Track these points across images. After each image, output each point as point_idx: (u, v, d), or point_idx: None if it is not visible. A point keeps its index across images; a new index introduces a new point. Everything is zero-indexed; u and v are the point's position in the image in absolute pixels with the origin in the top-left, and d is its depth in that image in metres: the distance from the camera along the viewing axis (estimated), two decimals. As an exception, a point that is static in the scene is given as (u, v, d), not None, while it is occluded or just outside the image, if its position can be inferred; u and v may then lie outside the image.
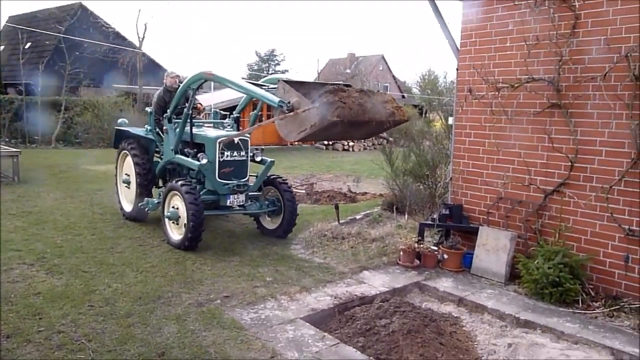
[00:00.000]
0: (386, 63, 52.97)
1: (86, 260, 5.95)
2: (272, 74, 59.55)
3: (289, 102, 4.77)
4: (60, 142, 19.91)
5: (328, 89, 4.62)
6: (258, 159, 7.36)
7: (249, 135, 7.17)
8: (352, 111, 4.50)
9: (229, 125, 7.52)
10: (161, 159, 7.76)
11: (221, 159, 6.73)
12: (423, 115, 28.21)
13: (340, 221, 8.00)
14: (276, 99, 4.93)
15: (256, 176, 7.35)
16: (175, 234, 6.70)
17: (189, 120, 6.96)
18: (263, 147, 8.44)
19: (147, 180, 7.65)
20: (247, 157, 7.06)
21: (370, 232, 7.46)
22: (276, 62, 63.54)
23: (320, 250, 6.75)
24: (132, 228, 7.55)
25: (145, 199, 7.46)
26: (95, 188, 10.69)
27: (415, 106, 34.66)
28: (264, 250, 6.69)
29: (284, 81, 5.04)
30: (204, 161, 6.68)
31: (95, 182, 11.47)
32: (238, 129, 7.59)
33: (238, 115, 7.82)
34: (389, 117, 4.90)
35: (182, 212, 6.51)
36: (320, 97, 4.52)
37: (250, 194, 7.13)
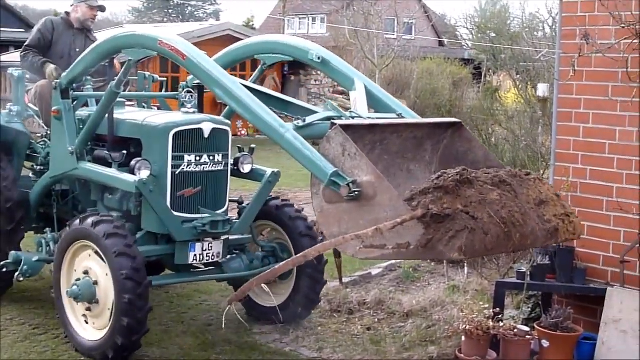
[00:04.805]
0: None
1: None
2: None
3: (354, 182, 4.57)
4: None
5: (442, 182, 4.44)
6: (246, 168, 7.07)
7: (228, 122, 6.90)
8: (489, 238, 4.34)
9: (187, 102, 6.99)
10: (41, 171, 7.56)
11: (177, 170, 6.46)
12: (483, 77, 28.62)
13: (344, 280, 8.17)
14: (327, 169, 4.70)
15: (240, 203, 7.11)
16: (89, 329, 6.32)
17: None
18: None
19: (13, 212, 7.28)
20: (228, 164, 6.83)
21: (400, 299, 7.68)
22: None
23: (311, 335, 6.93)
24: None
25: (12, 253, 7.02)
26: None
27: (466, 62, 35.20)
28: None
29: (342, 126, 4.76)
30: (145, 174, 6.30)
31: None
32: (201, 110, 7.14)
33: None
34: (548, 239, 4.89)
35: (105, 286, 6.17)
36: (428, 195, 4.38)
37: (232, 238, 6.92)
